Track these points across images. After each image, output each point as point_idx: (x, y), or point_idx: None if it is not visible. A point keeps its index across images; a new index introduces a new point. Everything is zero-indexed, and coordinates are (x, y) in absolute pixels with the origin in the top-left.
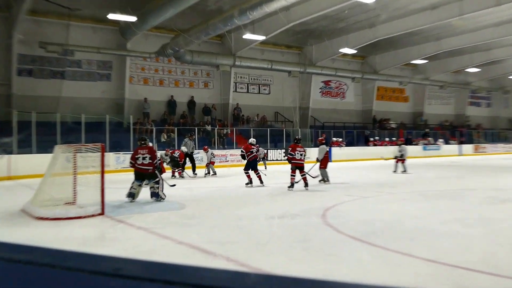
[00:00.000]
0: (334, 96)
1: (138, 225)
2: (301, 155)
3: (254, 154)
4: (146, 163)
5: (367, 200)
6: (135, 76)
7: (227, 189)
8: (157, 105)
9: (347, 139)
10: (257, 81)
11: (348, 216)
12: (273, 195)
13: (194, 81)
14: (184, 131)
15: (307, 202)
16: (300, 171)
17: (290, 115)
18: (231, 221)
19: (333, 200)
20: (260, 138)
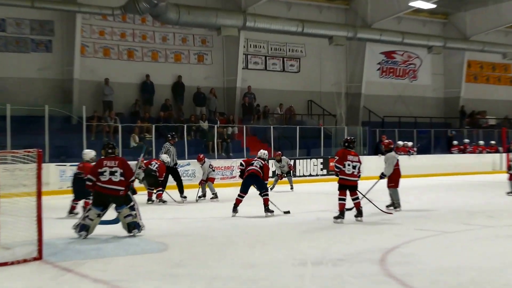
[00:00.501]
0: (400, 76)
1: (94, 277)
2: (355, 167)
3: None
4: (116, 180)
5: (450, 238)
6: (90, 45)
7: (234, 221)
8: (124, 90)
9: (420, 143)
10: (280, 53)
11: (420, 263)
12: (304, 229)
13: (183, 52)
14: (166, 131)
15: (357, 241)
16: (352, 192)
17: (332, 106)
18: (240, 271)
19: (397, 238)
20: (285, 141)
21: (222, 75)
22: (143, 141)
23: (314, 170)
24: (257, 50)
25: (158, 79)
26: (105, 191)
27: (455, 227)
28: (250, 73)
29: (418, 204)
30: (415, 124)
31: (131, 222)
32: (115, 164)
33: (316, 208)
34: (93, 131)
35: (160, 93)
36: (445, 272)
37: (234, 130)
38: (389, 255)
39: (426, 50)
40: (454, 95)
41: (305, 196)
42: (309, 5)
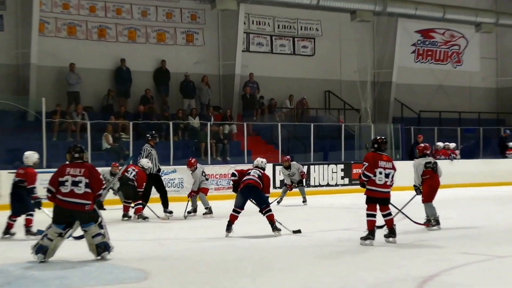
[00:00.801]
0: (441, 61)
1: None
2: (388, 176)
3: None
4: (80, 192)
5: (505, 264)
6: (51, 22)
7: (232, 242)
8: (94, 78)
9: (465, 145)
10: (290, 32)
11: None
12: (321, 253)
13: (167, 31)
14: (147, 129)
15: (385, 267)
16: (383, 206)
17: (355, 98)
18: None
19: (437, 263)
20: (296, 142)
21: (217, 59)
22: (119, 143)
23: (333, 179)
24: (261, 28)
25: (137, 65)
26: (66, 205)
27: (509, 250)
28: (253, 57)
29: (462, 221)
30: (459, 121)
31: (101, 243)
32: (79, 173)
33: (336, 226)
34: (55, 130)
35: (138, 82)
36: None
37: (232, 129)
38: (426, 286)
39: (473, 28)
40: (509, 84)
41: (321, 211)
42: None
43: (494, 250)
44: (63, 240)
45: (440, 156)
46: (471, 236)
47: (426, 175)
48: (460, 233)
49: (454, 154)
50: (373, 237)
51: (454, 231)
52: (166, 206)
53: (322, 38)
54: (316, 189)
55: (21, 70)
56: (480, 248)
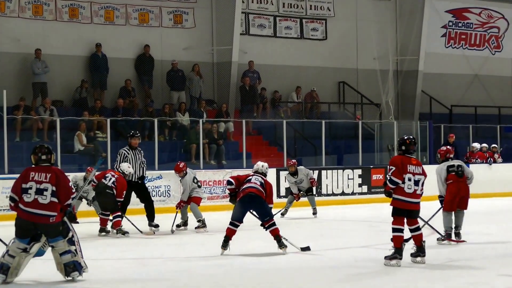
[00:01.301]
0: (477, 46)
1: None
2: (417, 183)
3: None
4: (45, 202)
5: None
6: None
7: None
8: (64, 67)
9: (505, 145)
10: (298, 12)
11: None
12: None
13: (151, 10)
14: (127, 127)
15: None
16: (411, 220)
17: (374, 91)
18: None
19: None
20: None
21: (211, 44)
22: (94, 143)
23: (348, 187)
24: (263, 7)
25: (115, 51)
26: (29, 217)
27: None
28: (253, 42)
29: (503, 237)
30: (499, 118)
31: (70, 262)
32: (45, 179)
33: (352, 243)
34: (18, 128)
35: (117, 71)
36: None
37: (228, 127)
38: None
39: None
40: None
41: (335, 225)
42: None
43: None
44: (29, 257)
45: (476, 160)
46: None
47: (449, 180)
48: (501, 251)
49: (493, 157)
50: (400, 256)
51: (494, 250)
52: (152, 219)
53: (335, 20)
54: (328, 198)
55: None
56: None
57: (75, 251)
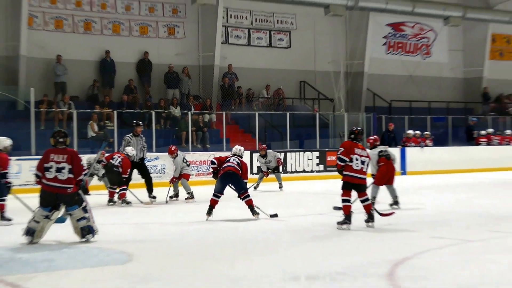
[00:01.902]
0: (411, 53)
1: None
2: (363, 163)
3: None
4: (63, 178)
5: (473, 248)
6: (39, 16)
7: (212, 226)
8: (80, 69)
9: (435, 133)
10: (267, 25)
11: (436, 278)
12: (298, 238)
13: (150, 24)
14: (131, 118)
15: (360, 251)
16: (360, 193)
17: (329, 88)
18: (219, 287)
19: (409, 248)
20: (272, 130)
21: (197, 51)
22: (104, 131)
23: (308, 165)
24: (239, 22)
25: (120, 56)
26: (50, 189)
27: (479, 234)
28: (231, 49)
29: (433, 207)
30: (429, 110)
31: (85, 226)
32: (63, 159)
33: (311, 211)
34: (43, 119)
35: (122, 72)
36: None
37: (211, 117)
38: (399, 269)
39: (441, 21)
40: (476, 75)
41: (297, 196)
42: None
43: (463, 234)
44: (50, 222)
45: (411, 144)
46: (441, 221)
47: (381, 163)
48: (432, 218)
49: (424, 143)
50: (349, 221)
51: (425, 217)
52: (151, 192)
53: (297, 31)
54: (292, 175)
55: (11, 62)
56: (450, 232)
57: (88, 218)
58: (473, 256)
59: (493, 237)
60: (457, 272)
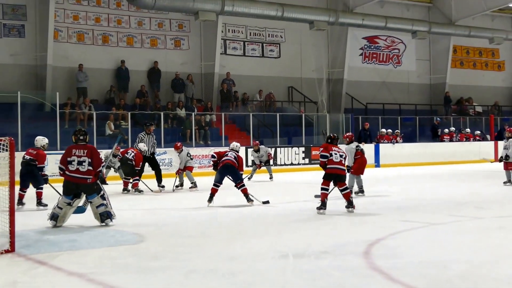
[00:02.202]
0: (384, 62)
1: (69, 269)
2: (341, 156)
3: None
4: (84, 170)
5: (438, 230)
6: (64, 30)
7: (213, 211)
8: (99, 76)
9: (405, 131)
10: (260, 38)
11: (406, 255)
12: (286, 221)
13: (159, 37)
14: (142, 118)
15: (340, 233)
16: (340, 183)
17: (313, 93)
18: (218, 264)
19: (382, 230)
20: (264, 129)
21: (200, 60)
22: (119, 129)
23: (295, 159)
24: (236, 35)
25: (134, 65)
26: (73, 179)
27: (442, 218)
28: (229, 59)
29: (403, 195)
30: (399, 111)
31: (104, 212)
32: (83, 154)
33: (298, 198)
34: (67, 119)
35: (135, 79)
36: (432, 265)
37: (212, 118)
38: (373, 248)
39: (410, 35)
40: (440, 81)
41: (286, 186)
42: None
43: (429, 218)
44: (72, 209)
45: (384, 141)
46: (410, 207)
47: (357, 156)
48: (402, 204)
49: (395, 139)
50: (325, 207)
51: (396, 203)
52: (160, 182)
53: (286, 44)
54: (281, 167)
55: (39, 70)
56: (417, 217)
57: (106, 204)
58: (437, 237)
59: (454, 221)
60: (424, 250)
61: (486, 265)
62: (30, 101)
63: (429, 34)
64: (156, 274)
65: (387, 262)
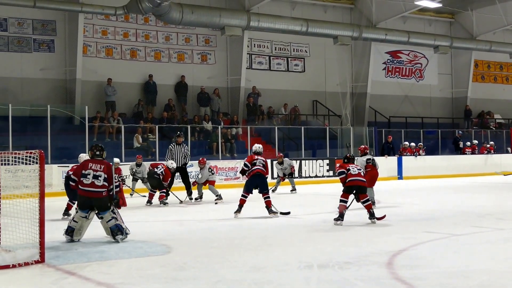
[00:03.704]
0: (406, 76)
1: (98, 280)
2: (359, 169)
3: (257, 168)
4: (99, 184)
5: (459, 241)
6: (93, 45)
7: (239, 223)
8: (127, 90)
9: (427, 144)
10: (285, 53)
11: (428, 266)
12: (310, 232)
13: (186, 52)
14: (169, 132)
15: (363, 244)
16: (361, 194)
17: (337, 106)
18: (244, 274)
19: (405, 240)
20: (289, 141)
21: (226, 75)
22: (147, 142)
23: (320, 171)
24: (261, 50)
25: (161, 79)
26: (87, 194)
27: (464, 229)
28: (254, 73)
29: (425, 206)
30: (422, 125)
31: (114, 226)
32: (100, 169)
33: (322, 210)
34: (96, 132)
35: (163, 93)
36: (454, 275)
37: (238, 131)
38: (396, 258)
39: (432, 49)
40: (461, 95)
41: (310, 197)
42: (314, 4)
43: (451, 229)
44: (89, 222)
45: (407, 153)
46: (433, 218)
47: (368, 168)
48: (424, 216)
49: (418, 152)
50: (342, 218)
51: (418, 214)
52: (190, 194)
53: (310, 58)
54: (306, 179)
55: (68, 84)
56: (439, 228)
57: (116, 217)
58: (459, 247)
59: (475, 232)
60: (446, 261)
61: (507, 275)
62: (59, 114)
63: (451, 49)
64: (183, 285)
65: (410, 272)
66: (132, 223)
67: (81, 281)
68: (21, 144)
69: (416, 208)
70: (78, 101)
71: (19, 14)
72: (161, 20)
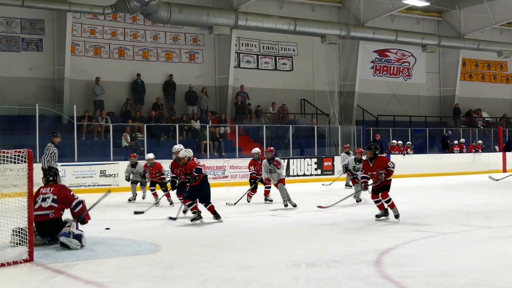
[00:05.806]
0: (394, 75)
1: (86, 278)
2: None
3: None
4: (46, 206)
5: (448, 239)
6: (81, 44)
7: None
8: (115, 89)
9: (415, 142)
10: (273, 52)
11: (416, 264)
12: (298, 230)
13: (174, 51)
14: (158, 131)
15: (351, 242)
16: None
17: (325, 105)
18: (233, 273)
19: (393, 239)
20: (277, 140)
21: (214, 73)
22: (135, 141)
23: (308, 170)
24: (249, 49)
25: (149, 78)
26: (36, 219)
27: (452, 228)
28: (242, 72)
29: (413, 205)
30: (410, 123)
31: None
32: (49, 191)
33: (310, 208)
34: (84, 131)
35: (151, 92)
36: (442, 274)
37: (226, 130)
38: (385, 257)
39: (420, 48)
40: (449, 93)
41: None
42: (302, 3)
43: (439, 228)
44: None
45: (395, 152)
46: (420, 217)
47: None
48: (412, 214)
49: (406, 151)
50: (387, 214)
51: (407, 213)
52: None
53: (298, 57)
54: (294, 178)
55: (57, 83)
56: (428, 226)
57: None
58: (447, 246)
59: (463, 230)
60: (434, 259)
61: (495, 274)
62: (48, 113)
63: (439, 48)
64: (171, 283)
65: (398, 271)
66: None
67: (69, 279)
68: (10, 143)
69: (404, 206)
70: (66, 100)
71: (7, 13)
72: (149, 19)
